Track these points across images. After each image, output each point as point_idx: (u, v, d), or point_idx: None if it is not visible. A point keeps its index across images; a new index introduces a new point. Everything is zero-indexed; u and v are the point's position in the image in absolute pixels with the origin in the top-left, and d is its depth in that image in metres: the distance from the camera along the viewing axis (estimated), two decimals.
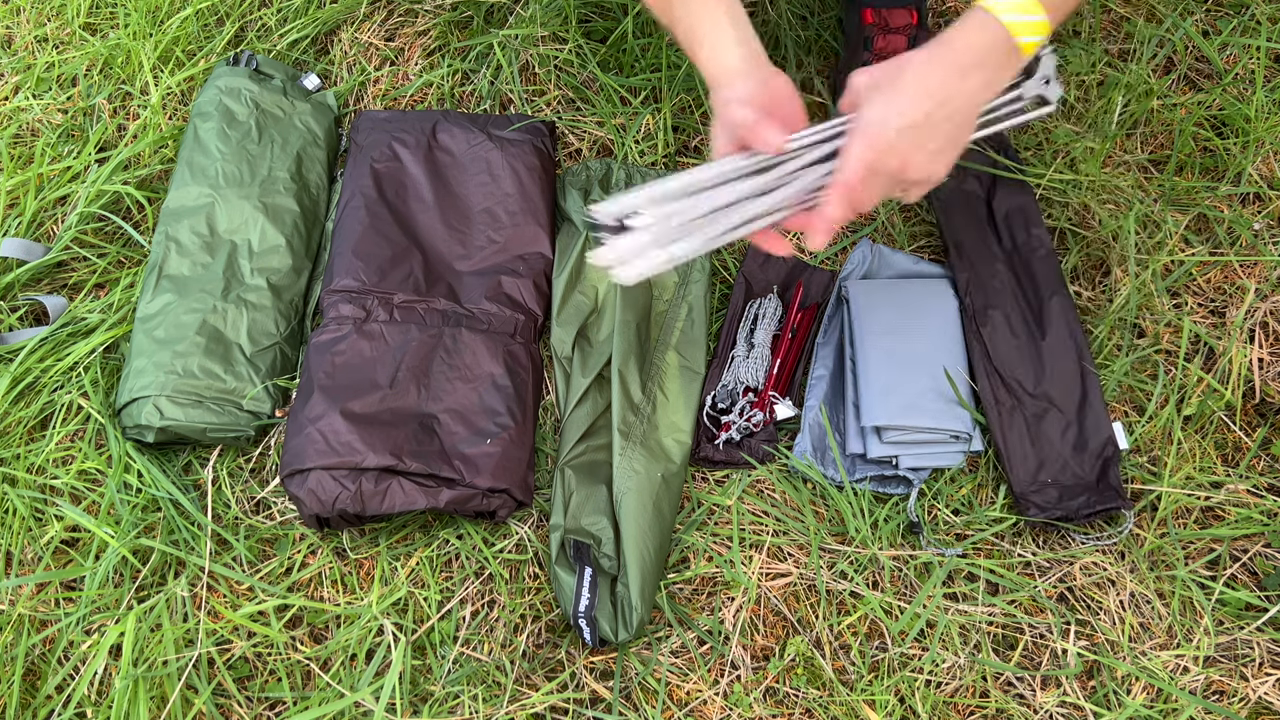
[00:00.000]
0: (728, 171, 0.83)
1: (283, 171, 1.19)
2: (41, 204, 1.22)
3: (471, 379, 1.06)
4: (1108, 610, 0.98)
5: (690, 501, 1.06)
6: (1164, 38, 1.29)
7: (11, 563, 1.01)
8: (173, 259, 1.12)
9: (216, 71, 1.25)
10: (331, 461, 0.98)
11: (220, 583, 1.02)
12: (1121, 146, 1.24)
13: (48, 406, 1.09)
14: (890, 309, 1.11)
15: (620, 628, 0.96)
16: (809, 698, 0.95)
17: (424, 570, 1.02)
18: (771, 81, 0.84)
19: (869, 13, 1.25)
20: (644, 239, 0.80)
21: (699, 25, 0.85)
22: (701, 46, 0.85)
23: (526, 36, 1.31)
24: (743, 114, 0.81)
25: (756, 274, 1.17)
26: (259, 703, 0.96)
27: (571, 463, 1.04)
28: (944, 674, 0.96)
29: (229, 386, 1.06)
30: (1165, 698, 0.93)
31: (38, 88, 1.34)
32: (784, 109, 0.84)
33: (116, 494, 1.03)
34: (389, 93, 1.33)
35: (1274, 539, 1.01)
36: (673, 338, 1.12)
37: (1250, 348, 1.10)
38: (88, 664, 0.94)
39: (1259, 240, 1.16)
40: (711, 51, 0.85)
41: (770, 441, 1.07)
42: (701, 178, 0.83)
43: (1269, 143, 1.21)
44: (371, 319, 1.09)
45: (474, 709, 0.94)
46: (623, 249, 0.80)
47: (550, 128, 1.26)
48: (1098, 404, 1.05)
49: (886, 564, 1.00)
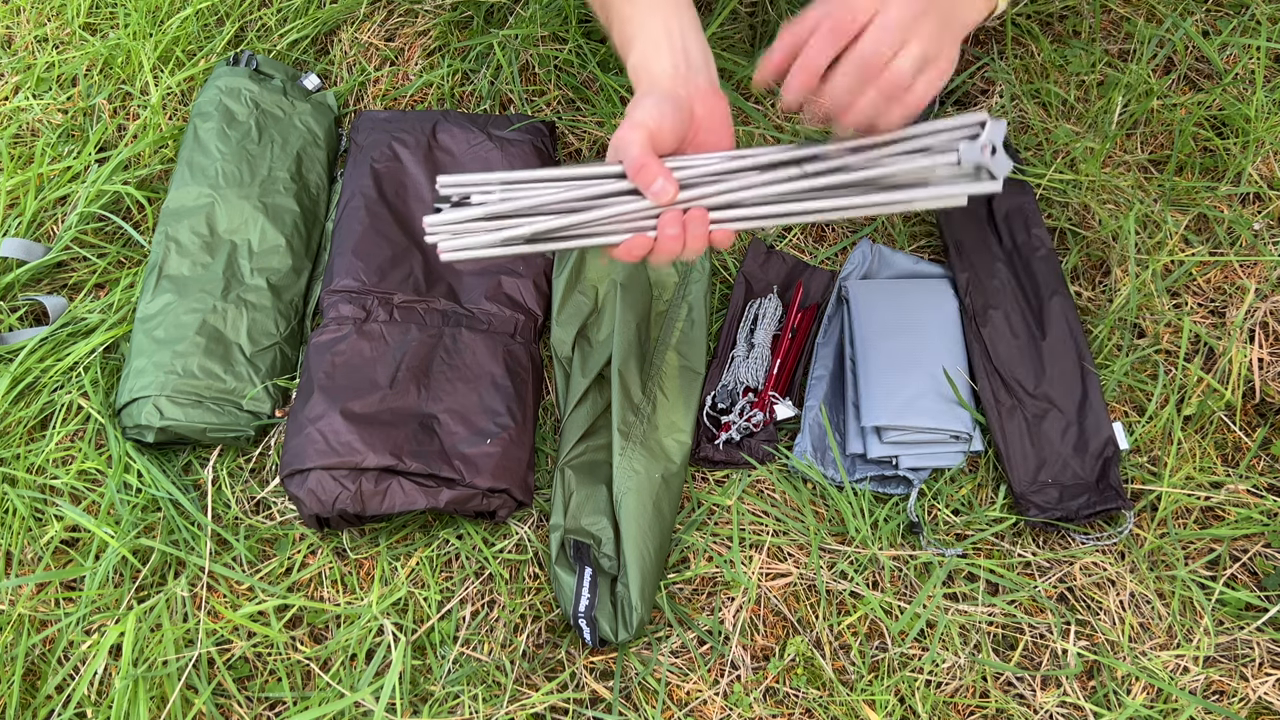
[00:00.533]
0: (604, 182, 0.76)
1: (283, 171, 1.19)
2: (41, 204, 1.22)
3: (471, 379, 1.06)
4: (1108, 610, 0.98)
5: (690, 501, 1.06)
6: (1164, 38, 1.29)
7: (11, 563, 1.01)
8: (173, 259, 1.12)
9: (216, 71, 1.25)
10: (331, 461, 0.98)
11: (220, 583, 1.02)
12: (1121, 146, 1.24)
13: (48, 406, 1.09)
14: (890, 309, 1.11)
15: (620, 628, 0.96)
16: (809, 698, 0.95)
17: (424, 570, 1.02)
18: (700, 103, 0.75)
19: None
20: (476, 213, 0.75)
21: (629, 26, 0.78)
22: (630, 51, 0.78)
23: (526, 36, 1.31)
24: (632, 150, 0.72)
25: (756, 274, 1.17)
26: (259, 703, 0.96)
27: (571, 463, 1.04)
28: (944, 674, 0.96)
29: (229, 386, 1.06)
30: (1165, 698, 0.93)
31: (38, 88, 1.34)
32: (708, 137, 0.76)
33: (116, 494, 1.03)
34: (389, 93, 1.33)
35: (1274, 539, 1.01)
36: (673, 338, 1.12)
37: (1250, 348, 1.10)
38: (88, 664, 0.94)
39: (1259, 240, 1.16)
40: (640, 58, 0.77)
41: (770, 441, 1.07)
42: (575, 176, 0.76)
43: (1269, 143, 1.21)
44: (371, 319, 1.09)
45: (474, 709, 0.94)
46: (452, 219, 0.75)
47: (550, 128, 1.26)
48: (1098, 404, 1.05)
49: (886, 564, 1.00)
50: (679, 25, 0.78)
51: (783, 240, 1.21)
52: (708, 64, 0.78)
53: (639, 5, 0.78)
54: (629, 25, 0.78)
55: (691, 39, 0.78)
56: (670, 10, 0.78)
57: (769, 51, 0.72)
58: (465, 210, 0.76)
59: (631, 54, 0.78)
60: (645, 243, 0.75)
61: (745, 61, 1.29)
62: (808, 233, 1.22)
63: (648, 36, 0.77)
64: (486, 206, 0.76)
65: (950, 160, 0.73)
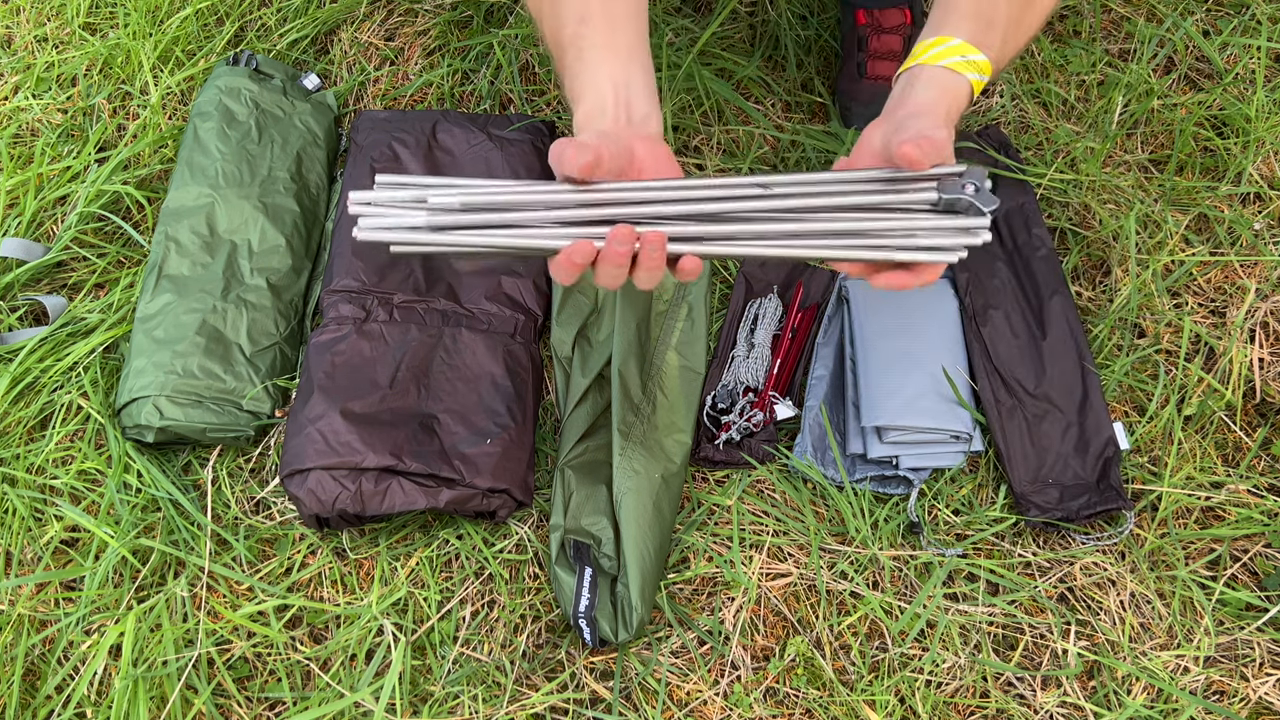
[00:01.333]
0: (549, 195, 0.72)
1: (283, 171, 1.19)
2: (41, 204, 1.22)
3: (471, 379, 1.06)
4: (1108, 610, 0.98)
5: (690, 501, 1.06)
6: (1164, 38, 1.29)
7: (11, 563, 1.01)
8: (172, 259, 1.12)
9: (216, 71, 1.25)
10: (331, 461, 0.98)
11: (220, 583, 1.02)
12: (1122, 146, 1.24)
13: (47, 406, 1.09)
14: (890, 309, 1.11)
15: (620, 628, 0.96)
16: (809, 698, 0.95)
17: (424, 570, 1.02)
18: (640, 144, 0.75)
19: (861, 14, 1.25)
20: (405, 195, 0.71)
21: (577, 83, 0.78)
22: (577, 109, 0.78)
23: (526, 36, 1.31)
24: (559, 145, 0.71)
25: (756, 274, 1.17)
26: (259, 703, 0.96)
27: (571, 463, 1.04)
28: (944, 674, 0.96)
29: (229, 386, 1.06)
30: (1165, 698, 0.93)
31: (38, 88, 1.34)
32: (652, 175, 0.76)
33: (116, 494, 1.03)
34: (389, 93, 1.33)
35: (1274, 539, 1.01)
36: (673, 338, 1.12)
37: (1250, 348, 1.09)
38: (87, 664, 0.94)
39: (1259, 240, 1.16)
40: (584, 117, 0.77)
41: (770, 441, 1.07)
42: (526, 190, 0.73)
43: (1269, 143, 1.21)
44: (371, 319, 1.09)
45: (474, 709, 0.94)
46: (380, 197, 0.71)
47: (550, 128, 1.26)
48: (1098, 404, 1.05)
49: (886, 564, 1.00)
50: (625, 79, 0.77)
51: None
52: (651, 116, 0.78)
53: (586, 62, 0.78)
54: (576, 82, 0.78)
55: (637, 92, 0.78)
56: (618, 63, 0.78)
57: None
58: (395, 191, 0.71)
59: (578, 112, 0.78)
60: (588, 251, 0.71)
61: (745, 61, 1.29)
62: None
63: (593, 95, 0.77)
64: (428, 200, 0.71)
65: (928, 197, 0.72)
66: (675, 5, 1.34)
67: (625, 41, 0.79)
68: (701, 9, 1.36)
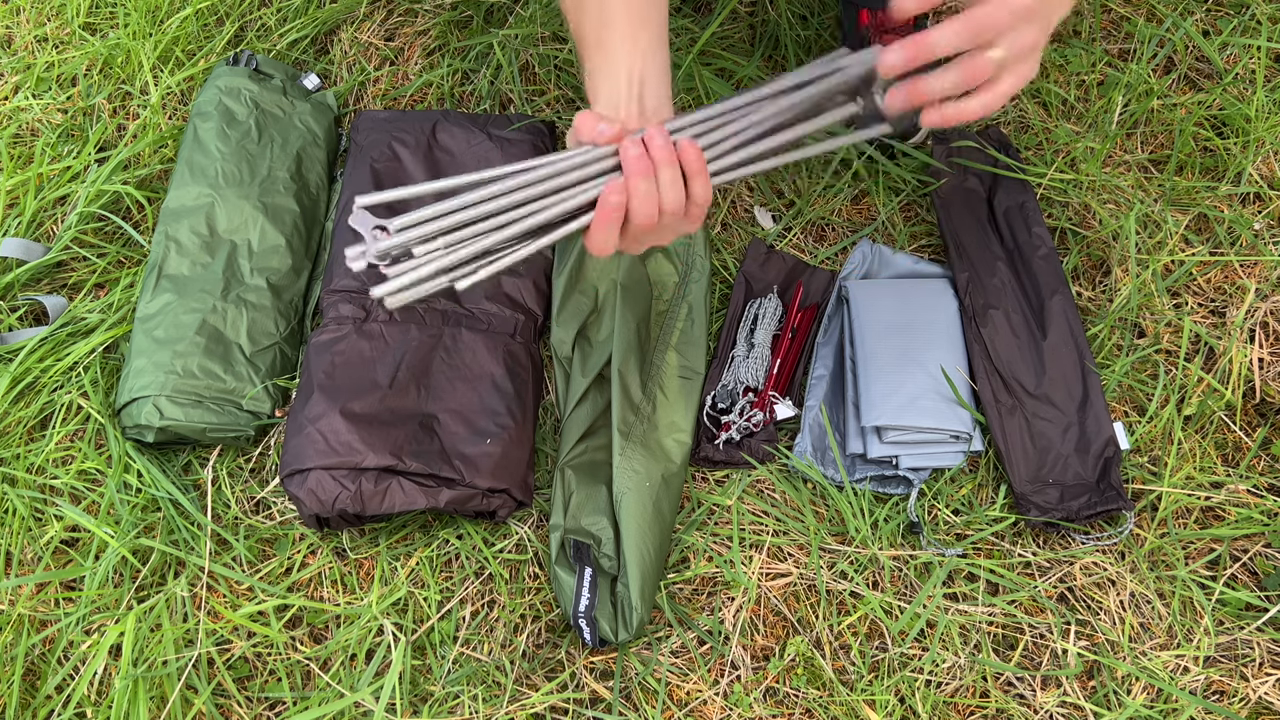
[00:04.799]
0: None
1: (282, 171, 1.19)
2: (41, 204, 1.22)
3: (471, 379, 1.06)
4: (1108, 610, 0.98)
5: (690, 501, 1.06)
6: (1164, 37, 1.29)
7: (11, 563, 1.01)
8: (172, 259, 1.12)
9: (216, 71, 1.25)
10: (331, 461, 0.98)
11: (220, 583, 1.02)
12: (1122, 146, 1.24)
13: (47, 406, 1.09)
14: (890, 309, 1.11)
15: (620, 628, 0.96)
16: (809, 698, 0.95)
17: (424, 570, 1.02)
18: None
19: (865, 14, 1.25)
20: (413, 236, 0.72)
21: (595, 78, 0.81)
22: (596, 103, 0.80)
23: (526, 36, 1.31)
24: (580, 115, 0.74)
25: (756, 274, 1.17)
26: (259, 703, 0.96)
27: (571, 463, 1.04)
28: (944, 674, 0.96)
29: (229, 386, 1.06)
30: (1165, 698, 0.93)
31: (37, 88, 1.34)
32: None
33: (116, 494, 1.03)
34: (389, 93, 1.33)
35: (1274, 539, 1.01)
36: (673, 338, 1.12)
37: (1250, 348, 1.10)
38: (88, 664, 0.94)
39: (1259, 240, 1.16)
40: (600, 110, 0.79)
41: (770, 441, 1.07)
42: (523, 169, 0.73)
43: (1269, 143, 1.21)
44: (371, 319, 1.09)
45: (474, 709, 0.94)
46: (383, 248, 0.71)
47: (550, 128, 1.26)
48: (1099, 404, 1.05)
49: (886, 564, 1.00)
50: (640, 73, 0.79)
51: (783, 240, 1.21)
52: (663, 108, 0.80)
53: (609, 52, 0.80)
54: (595, 77, 0.81)
55: (651, 88, 0.79)
56: (637, 57, 0.80)
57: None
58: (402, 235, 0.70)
59: (595, 107, 0.80)
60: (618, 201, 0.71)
61: (744, 61, 1.29)
62: (808, 232, 1.22)
63: (609, 90, 0.79)
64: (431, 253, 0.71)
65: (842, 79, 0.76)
66: (675, 5, 1.34)
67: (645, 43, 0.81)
68: (701, 9, 1.36)
